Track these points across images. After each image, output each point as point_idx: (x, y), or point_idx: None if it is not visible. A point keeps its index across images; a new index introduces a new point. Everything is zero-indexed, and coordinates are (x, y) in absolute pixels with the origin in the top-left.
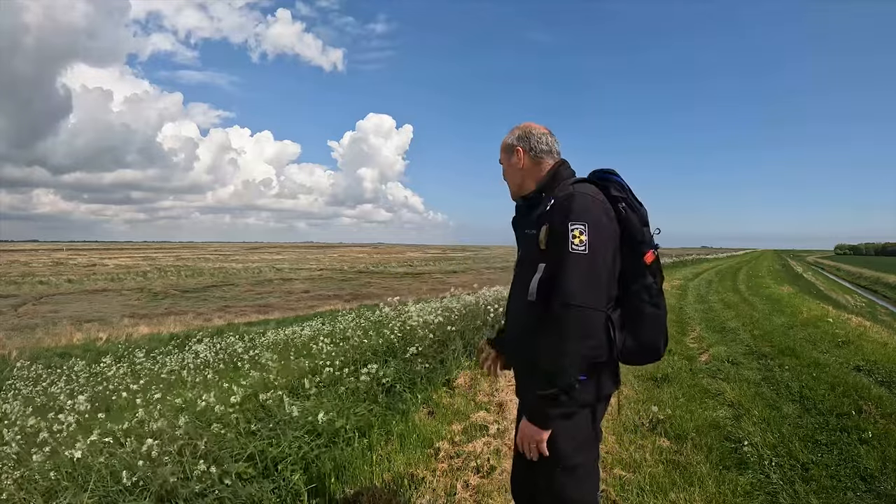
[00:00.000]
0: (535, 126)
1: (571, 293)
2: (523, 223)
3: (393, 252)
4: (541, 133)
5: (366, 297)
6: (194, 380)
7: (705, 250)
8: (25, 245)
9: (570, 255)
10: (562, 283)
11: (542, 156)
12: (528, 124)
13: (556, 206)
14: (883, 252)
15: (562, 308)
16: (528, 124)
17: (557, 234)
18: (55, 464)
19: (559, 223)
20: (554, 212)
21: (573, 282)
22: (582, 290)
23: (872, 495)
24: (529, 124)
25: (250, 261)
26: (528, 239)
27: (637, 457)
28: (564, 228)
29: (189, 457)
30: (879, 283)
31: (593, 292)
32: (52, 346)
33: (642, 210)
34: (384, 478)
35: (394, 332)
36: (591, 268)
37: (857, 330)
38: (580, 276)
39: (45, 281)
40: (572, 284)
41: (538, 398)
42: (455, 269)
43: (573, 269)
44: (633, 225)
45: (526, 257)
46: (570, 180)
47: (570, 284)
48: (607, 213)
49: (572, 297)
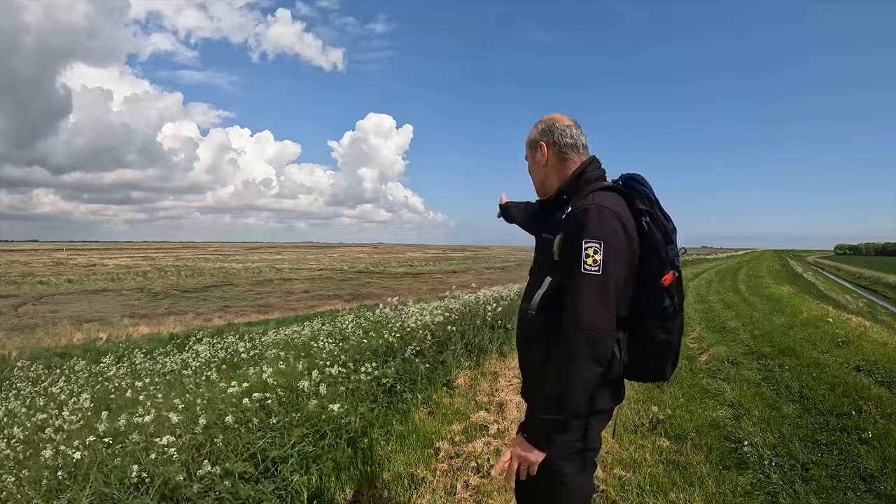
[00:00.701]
0: (559, 117)
1: (582, 316)
2: (543, 224)
3: (393, 252)
4: (565, 125)
5: (366, 297)
6: (196, 379)
7: (705, 250)
8: (25, 245)
9: (582, 276)
10: (572, 304)
11: (567, 151)
12: (551, 116)
13: (571, 218)
14: (883, 252)
15: (572, 331)
16: (551, 116)
17: (571, 249)
18: (60, 463)
19: (573, 238)
20: (569, 224)
21: (584, 304)
22: (593, 313)
23: (872, 495)
24: (553, 116)
25: (250, 261)
26: (544, 243)
27: (637, 457)
28: (578, 246)
29: (194, 454)
30: (879, 283)
31: (605, 316)
32: (52, 346)
33: (669, 226)
34: (384, 478)
35: (394, 332)
36: (604, 290)
37: (857, 330)
38: (592, 298)
39: (45, 281)
40: (583, 307)
41: (541, 421)
42: (455, 269)
43: (585, 290)
44: (656, 242)
45: (539, 262)
46: (594, 185)
47: (580, 307)
48: (626, 229)
49: (583, 320)
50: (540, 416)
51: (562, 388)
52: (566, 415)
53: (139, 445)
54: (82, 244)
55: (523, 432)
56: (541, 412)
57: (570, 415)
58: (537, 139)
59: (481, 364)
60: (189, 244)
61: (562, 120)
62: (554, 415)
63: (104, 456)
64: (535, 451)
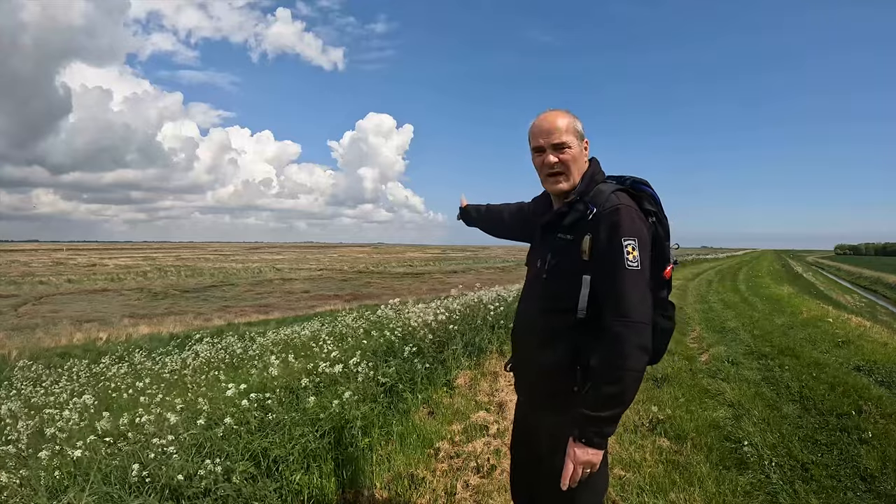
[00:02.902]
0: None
1: (631, 310)
2: (557, 226)
3: (393, 252)
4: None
5: (366, 297)
6: (196, 379)
7: (705, 250)
8: (25, 245)
9: (626, 272)
10: (619, 300)
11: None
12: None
13: (603, 218)
14: (883, 252)
15: (622, 326)
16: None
17: (609, 248)
18: (58, 463)
19: (609, 237)
20: (601, 223)
21: (631, 299)
22: (639, 306)
23: (872, 495)
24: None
25: (250, 261)
26: (561, 244)
27: (637, 457)
28: (618, 243)
29: (195, 453)
30: (879, 283)
31: (647, 308)
32: (52, 346)
33: (668, 225)
34: (384, 478)
35: (394, 332)
36: (644, 285)
37: (857, 330)
38: (636, 293)
39: (45, 281)
40: (631, 301)
41: (596, 419)
42: (455, 269)
43: (630, 286)
44: (661, 240)
45: (558, 265)
46: (609, 187)
47: (628, 301)
48: (647, 228)
49: (632, 314)
50: (598, 414)
51: (622, 383)
52: (624, 408)
53: (138, 445)
54: (82, 244)
55: (581, 439)
56: (597, 411)
57: (627, 406)
58: (582, 132)
59: (481, 364)
60: (189, 244)
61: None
62: (614, 409)
63: (103, 455)
64: (598, 452)
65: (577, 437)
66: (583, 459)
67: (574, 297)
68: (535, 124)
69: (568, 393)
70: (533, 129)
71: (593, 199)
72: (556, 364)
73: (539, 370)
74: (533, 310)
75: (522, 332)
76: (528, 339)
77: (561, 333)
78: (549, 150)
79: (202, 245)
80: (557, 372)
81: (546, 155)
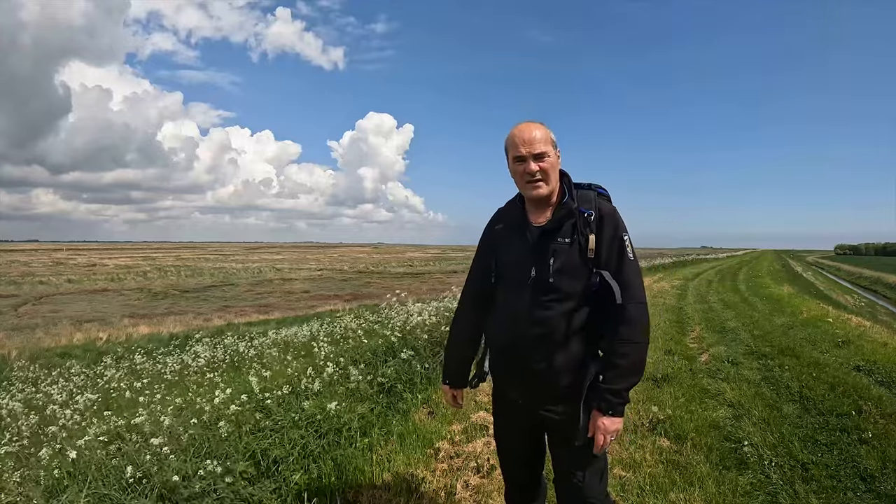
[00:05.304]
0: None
1: (638, 294)
2: (557, 231)
3: (393, 252)
4: None
5: (366, 297)
6: (196, 380)
7: (705, 250)
8: (25, 245)
9: (631, 262)
10: (627, 286)
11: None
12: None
13: (605, 218)
14: (883, 252)
15: (637, 308)
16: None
17: (614, 243)
18: (56, 463)
19: (613, 235)
20: (603, 224)
21: (638, 284)
22: (642, 290)
23: (872, 495)
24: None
25: (250, 261)
26: (562, 246)
27: (637, 457)
28: (620, 240)
29: (192, 454)
30: (879, 283)
31: (644, 291)
32: (52, 346)
33: None
34: (384, 478)
35: (394, 332)
36: (640, 272)
37: (857, 330)
38: (639, 279)
39: (45, 281)
40: (638, 286)
41: (619, 391)
42: (455, 269)
43: (635, 274)
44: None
45: (563, 266)
46: (590, 193)
47: (636, 287)
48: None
49: (640, 297)
50: (621, 387)
51: (638, 355)
52: (640, 377)
53: (135, 446)
54: (82, 244)
55: (608, 412)
56: (619, 383)
57: (641, 375)
58: (556, 141)
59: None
60: (189, 244)
61: None
62: (632, 379)
63: (100, 456)
64: (622, 419)
65: (604, 411)
66: (612, 429)
67: (585, 292)
68: (514, 135)
69: (583, 381)
70: (514, 140)
71: (584, 204)
72: (574, 358)
73: (553, 369)
74: (538, 314)
75: (526, 338)
76: (535, 343)
77: (576, 329)
78: (530, 159)
79: (202, 245)
80: (574, 363)
81: (528, 163)
